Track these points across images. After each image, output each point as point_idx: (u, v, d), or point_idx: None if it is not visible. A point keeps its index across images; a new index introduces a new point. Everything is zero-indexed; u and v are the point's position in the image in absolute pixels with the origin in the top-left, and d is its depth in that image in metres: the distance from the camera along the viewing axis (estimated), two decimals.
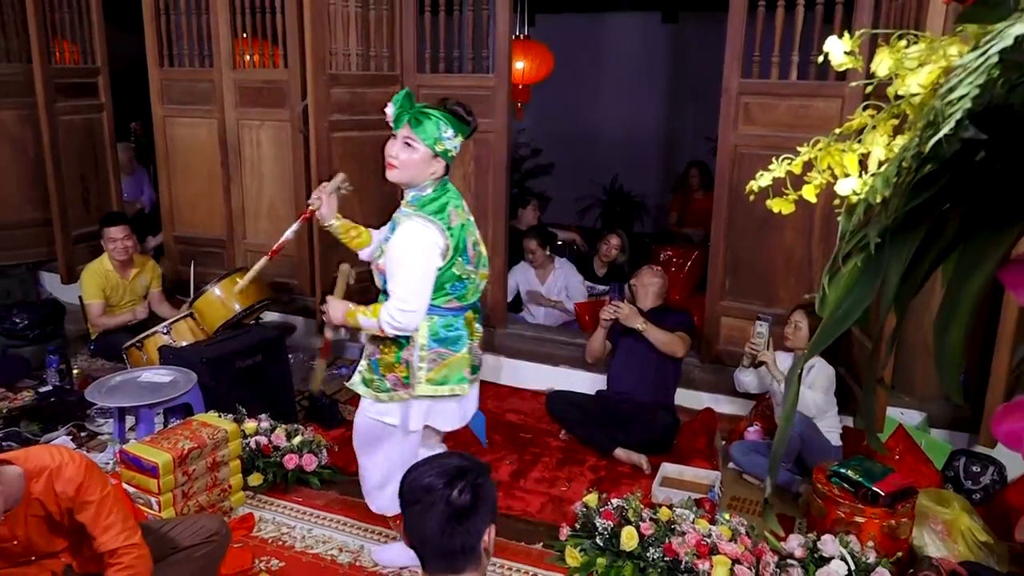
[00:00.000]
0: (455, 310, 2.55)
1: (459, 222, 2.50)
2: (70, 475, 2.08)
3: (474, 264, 2.55)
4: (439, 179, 2.51)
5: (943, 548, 2.78)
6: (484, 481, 1.53)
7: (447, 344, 2.54)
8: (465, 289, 2.54)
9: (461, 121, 2.48)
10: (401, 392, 2.57)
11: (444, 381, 2.56)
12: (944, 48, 0.85)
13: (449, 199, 2.51)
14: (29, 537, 2.12)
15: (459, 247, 2.47)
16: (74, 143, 5.33)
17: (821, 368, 3.35)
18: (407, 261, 2.42)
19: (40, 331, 4.67)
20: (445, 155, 2.47)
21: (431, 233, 2.42)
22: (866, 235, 0.88)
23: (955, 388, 0.97)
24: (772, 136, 3.81)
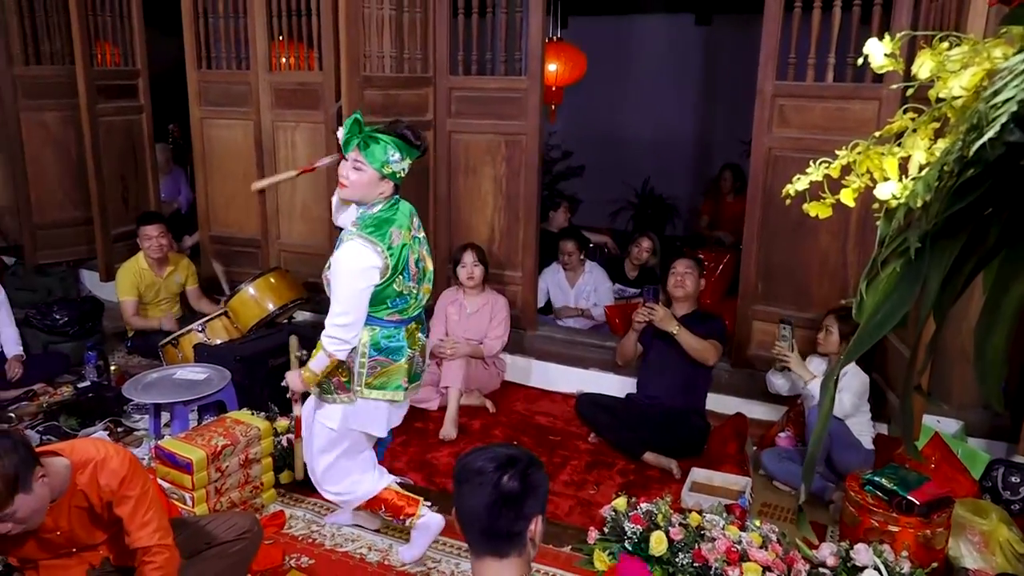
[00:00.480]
0: (396, 322, 2.69)
1: (400, 242, 2.63)
2: (114, 467, 2.13)
3: (415, 280, 2.71)
4: (388, 198, 2.66)
5: (980, 560, 2.73)
6: (535, 472, 1.57)
7: (387, 353, 2.69)
8: (406, 304, 2.69)
9: (410, 144, 2.62)
10: (342, 395, 2.72)
11: (382, 387, 2.71)
12: (988, 50, 0.84)
13: (395, 220, 2.64)
14: (72, 528, 2.17)
15: (399, 266, 2.62)
16: (114, 144, 5.44)
17: (855, 374, 3.31)
18: (344, 280, 2.58)
19: (79, 328, 4.77)
20: (393, 177, 2.62)
21: (368, 254, 2.55)
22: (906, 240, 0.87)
23: (996, 395, 0.96)
24: (807, 139, 3.77)
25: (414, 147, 2.64)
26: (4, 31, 5.32)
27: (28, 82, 5.45)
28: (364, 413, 2.75)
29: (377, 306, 2.64)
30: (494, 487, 1.51)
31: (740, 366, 4.17)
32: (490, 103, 4.49)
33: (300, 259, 5.07)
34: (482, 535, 1.53)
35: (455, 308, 4.25)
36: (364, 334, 2.66)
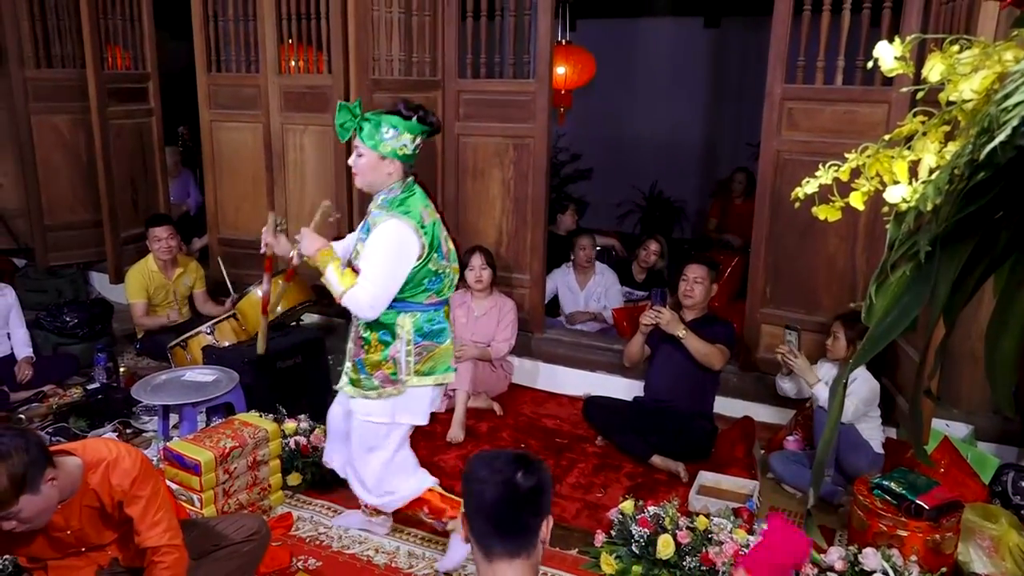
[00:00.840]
0: (435, 304, 2.66)
1: (431, 220, 2.60)
2: (126, 467, 2.15)
3: (447, 258, 2.67)
4: (404, 181, 2.62)
5: (990, 564, 2.71)
6: (545, 471, 1.59)
7: (432, 337, 2.65)
8: (441, 283, 2.66)
9: (404, 118, 2.54)
10: (390, 388, 2.66)
11: (431, 372, 2.67)
12: (999, 53, 0.83)
13: (417, 200, 2.60)
14: (82, 527, 2.18)
15: (434, 243, 2.58)
16: (124, 147, 5.48)
17: (865, 380, 3.30)
18: (383, 256, 2.53)
19: (89, 330, 4.80)
20: (394, 155, 2.56)
21: (407, 232, 2.52)
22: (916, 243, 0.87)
23: (1006, 399, 0.95)
24: (816, 142, 3.76)
25: (411, 120, 2.55)
26: (16, 35, 5.36)
27: (39, 85, 5.49)
28: (413, 402, 2.69)
29: (415, 289, 2.59)
30: (513, 482, 1.52)
31: (748, 369, 4.16)
32: (498, 106, 4.50)
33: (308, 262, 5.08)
34: (498, 533, 1.53)
35: (463, 311, 4.25)
36: (406, 321, 2.61)
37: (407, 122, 2.56)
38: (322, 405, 3.88)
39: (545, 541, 1.57)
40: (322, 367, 3.99)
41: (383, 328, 2.63)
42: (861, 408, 3.28)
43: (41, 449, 2.00)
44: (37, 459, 1.96)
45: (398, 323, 2.61)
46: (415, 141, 2.58)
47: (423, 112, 2.59)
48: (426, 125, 2.59)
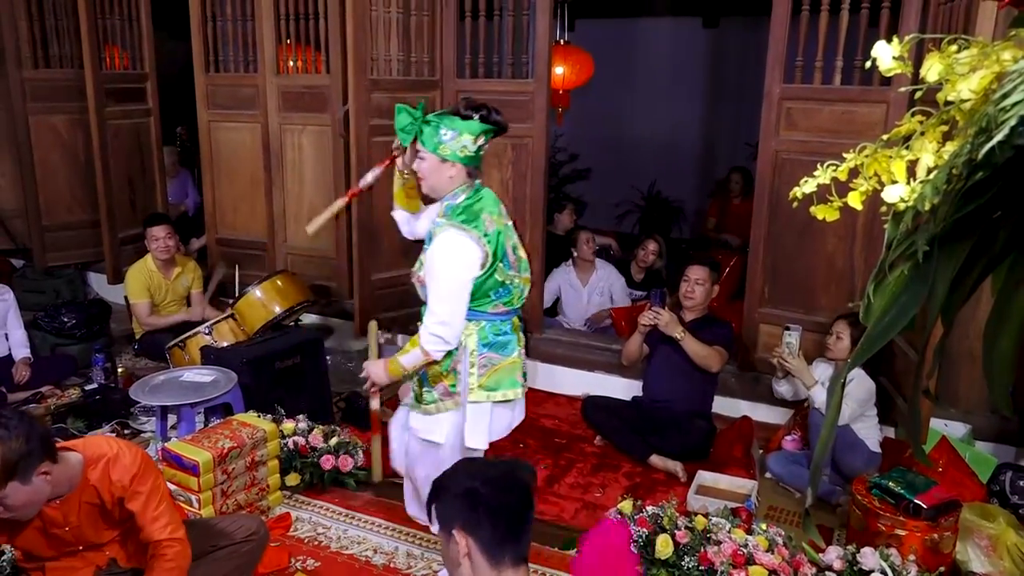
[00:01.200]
0: (502, 315, 2.52)
1: (495, 228, 2.47)
2: (126, 464, 2.15)
3: (516, 269, 2.53)
4: (470, 185, 2.51)
5: (988, 564, 2.72)
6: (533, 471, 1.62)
7: (496, 349, 2.51)
8: (510, 294, 2.52)
9: (463, 117, 2.44)
10: (447, 402, 2.53)
11: (496, 387, 2.51)
12: (997, 53, 0.84)
13: (483, 205, 2.48)
14: (80, 524, 2.19)
15: (498, 253, 2.45)
16: (122, 147, 5.47)
17: (860, 381, 3.30)
18: (444, 274, 2.42)
19: (87, 330, 4.79)
20: (455, 157, 2.45)
21: (467, 243, 2.40)
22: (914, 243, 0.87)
23: (1004, 399, 0.96)
24: (814, 142, 3.76)
25: (470, 119, 2.43)
26: (13, 35, 5.35)
27: (37, 85, 5.48)
28: (473, 420, 2.53)
29: (480, 299, 2.47)
30: (525, 483, 1.51)
31: (746, 369, 4.16)
32: (497, 106, 4.48)
33: (307, 262, 5.08)
34: (512, 538, 1.51)
35: None
36: (471, 330, 2.49)
37: (467, 122, 2.44)
38: (320, 405, 3.90)
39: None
40: (321, 367, 3.99)
41: None
42: (857, 410, 3.28)
43: (43, 441, 2.01)
44: (35, 450, 1.97)
45: (464, 333, 2.49)
46: (477, 142, 2.46)
47: (485, 111, 2.47)
48: (489, 124, 2.46)
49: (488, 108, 2.46)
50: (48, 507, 2.12)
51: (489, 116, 2.46)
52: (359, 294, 4.48)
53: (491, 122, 2.46)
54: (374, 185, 2.99)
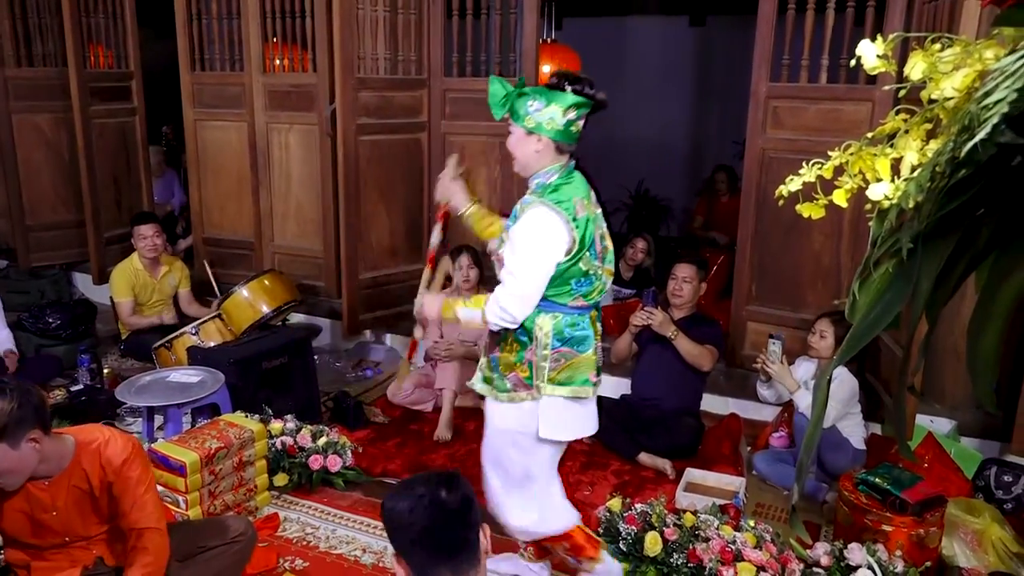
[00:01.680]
0: (580, 308, 2.36)
1: (585, 214, 2.30)
2: (118, 448, 2.18)
3: (601, 259, 2.37)
4: (564, 165, 2.35)
5: (973, 558, 2.74)
6: (467, 484, 1.55)
7: (573, 344, 2.34)
8: (591, 286, 2.35)
9: (554, 88, 2.27)
10: (522, 392, 2.37)
11: (567, 382, 2.36)
12: (980, 51, 0.84)
13: (575, 189, 2.33)
14: (68, 510, 2.18)
15: (585, 240, 2.29)
16: (107, 146, 5.43)
17: (843, 380, 3.31)
18: (527, 247, 2.26)
19: (72, 331, 4.75)
20: (540, 129, 2.28)
21: (556, 222, 2.24)
22: (898, 240, 0.87)
23: (988, 395, 0.96)
24: (800, 140, 3.78)
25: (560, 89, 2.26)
26: None
27: (20, 84, 5.44)
28: (550, 413, 2.37)
29: (560, 288, 2.30)
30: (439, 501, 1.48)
31: (734, 367, 4.18)
32: (484, 105, 4.42)
33: (294, 261, 5.07)
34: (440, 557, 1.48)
35: None
36: (546, 322, 2.32)
37: (557, 93, 2.26)
38: (308, 405, 3.88)
39: (487, 551, 1.53)
40: (309, 367, 3.97)
41: (520, 327, 2.34)
42: (841, 410, 3.30)
43: (36, 410, 2.02)
44: (27, 416, 1.98)
45: (537, 323, 2.32)
46: (566, 115, 2.27)
47: (579, 83, 2.27)
48: (582, 96, 2.27)
49: (583, 81, 2.27)
50: (36, 488, 2.12)
51: (582, 89, 2.26)
52: (347, 293, 4.47)
53: (584, 95, 2.27)
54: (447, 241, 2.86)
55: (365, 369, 4.69)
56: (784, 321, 3.95)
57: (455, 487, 1.51)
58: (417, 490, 1.50)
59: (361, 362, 4.80)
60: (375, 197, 4.47)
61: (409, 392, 4.20)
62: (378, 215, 4.52)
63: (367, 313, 4.61)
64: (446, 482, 1.51)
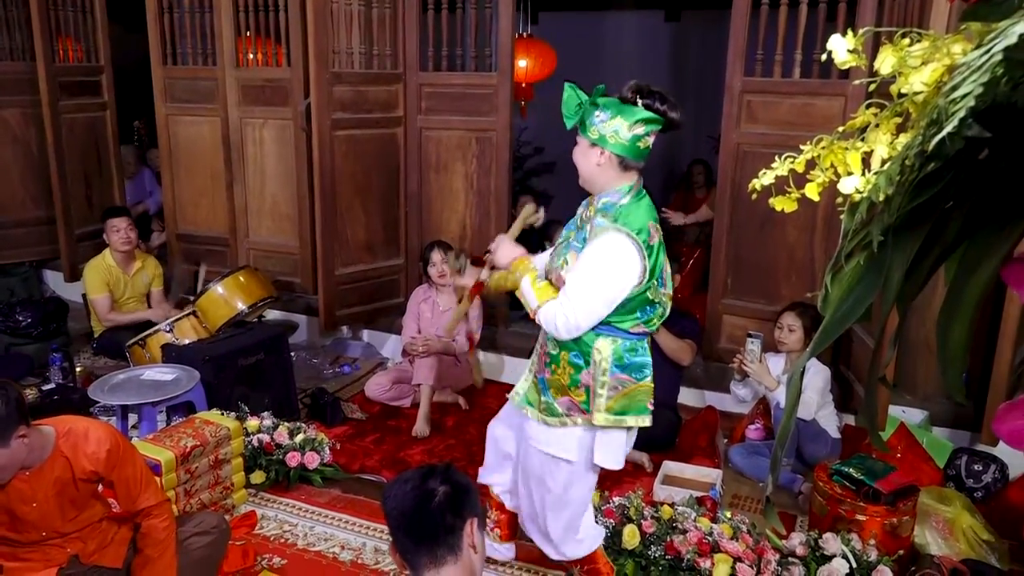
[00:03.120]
0: (640, 335, 2.24)
1: (658, 239, 2.19)
2: (99, 437, 2.20)
3: (666, 286, 2.27)
4: (635, 186, 2.21)
5: (945, 546, 2.78)
6: (461, 476, 1.58)
7: (631, 371, 2.21)
8: (654, 313, 2.24)
9: (623, 100, 2.14)
10: (576, 417, 2.25)
11: (624, 411, 2.22)
12: (948, 46, 0.85)
13: (648, 214, 2.19)
14: (48, 502, 2.18)
15: (656, 270, 2.17)
16: (77, 141, 5.34)
17: (817, 370, 3.37)
18: (595, 274, 2.12)
19: (43, 329, 4.68)
20: (603, 142, 2.14)
21: (631, 253, 2.11)
22: (869, 233, 0.88)
23: (957, 386, 0.98)
24: (775, 134, 3.81)
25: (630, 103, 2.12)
26: None
27: None
28: (611, 444, 2.26)
29: (623, 316, 2.18)
30: (424, 488, 1.52)
31: (711, 359, 4.21)
32: (460, 99, 4.49)
33: (270, 257, 5.03)
34: (418, 542, 1.51)
35: (427, 306, 4.24)
36: (605, 346, 2.19)
37: (625, 106, 2.12)
38: (286, 402, 3.86)
39: (475, 545, 1.54)
40: (285, 364, 3.95)
41: (576, 349, 2.21)
42: (819, 400, 3.34)
43: (18, 406, 2.05)
44: (11, 414, 2.01)
45: (596, 347, 2.19)
46: (632, 130, 2.11)
47: (651, 98, 2.12)
48: (652, 112, 2.11)
49: (655, 95, 2.13)
50: (18, 478, 2.12)
51: (652, 103, 2.11)
52: (323, 289, 4.45)
53: (653, 109, 2.11)
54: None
55: (342, 365, 4.67)
56: (759, 314, 3.99)
57: (445, 478, 1.53)
58: (409, 478, 1.54)
59: (338, 358, 4.78)
60: (351, 192, 4.45)
61: (387, 387, 4.19)
62: (354, 210, 4.49)
63: (344, 309, 4.58)
64: (440, 473, 1.55)
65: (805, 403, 3.27)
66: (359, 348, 4.89)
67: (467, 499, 1.55)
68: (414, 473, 1.57)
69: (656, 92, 2.13)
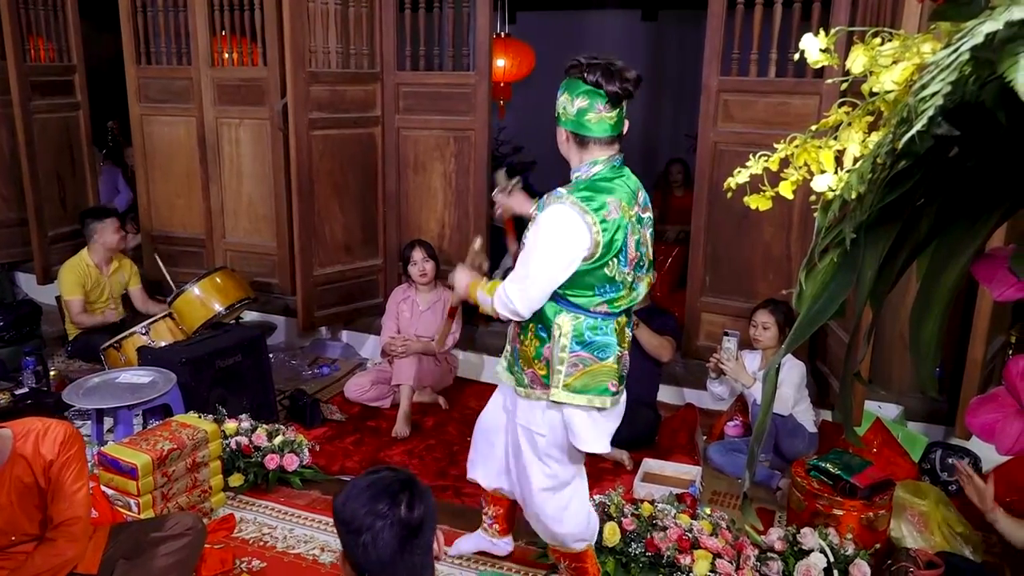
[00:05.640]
0: (604, 314, 2.20)
1: (618, 217, 2.13)
2: (55, 435, 2.21)
3: (632, 267, 2.21)
4: (608, 159, 2.18)
5: (920, 539, 2.82)
6: (423, 488, 1.48)
7: (592, 349, 2.19)
8: (617, 293, 2.19)
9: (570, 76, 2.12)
10: (538, 391, 2.26)
11: (584, 390, 2.21)
12: (917, 45, 0.86)
13: (614, 189, 2.15)
14: (12, 505, 2.15)
15: (613, 245, 2.12)
16: (50, 142, 5.27)
17: (793, 365, 3.40)
18: (539, 243, 2.13)
19: (16, 332, 4.62)
20: (559, 120, 2.18)
21: (576, 223, 2.08)
22: (842, 231, 0.89)
23: (930, 380, 0.99)
24: (751, 133, 3.84)
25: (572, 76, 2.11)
26: None
27: None
28: (575, 421, 2.25)
29: (581, 291, 2.16)
30: (400, 523, 1.39)
31: (690, 357, 4.23)
32: (438, 99, 4.47)
33: (247, 258, 4.99)
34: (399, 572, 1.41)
35: (407, 305, 4.23)
36: (566, 322, 2.17)
37: (571, 80, 2.11)
38: (264, 404, 3.83)
39: (439, 556, 1.50)
40: (263, 365, 3.92)
41: (541, 322, 2.22)
42: (795, 395, 3.37)
43: None
44: None
45: (556, 322, 2.19)
46: (576, 104, 2.11)
47: (587, 70, 2.08)
48: (589, 85, 2.07)
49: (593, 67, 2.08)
50: None
51: (585, 76, 2.08)
52: (301, 290, 4.42)
53: (589, 82, 2.08)
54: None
55: (321, 366, 4.65)
56: (738, 312, 4.01)
57: (418, 499, 1.43)
58: (380, 506, 1.40)
59: (317, 359, 4.75)
60: (328, 192, 4.42)
61: (367, 388, 4.18)
62: (332, 210, 4.46)
63: (322, 310, 4.55)
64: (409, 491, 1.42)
65: (781, 398, 3.30)
66: (338, 349, 4.87)
67: (434, 514, 1.47)
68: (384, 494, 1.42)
69: (595, 64, 2.09)
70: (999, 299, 1.00)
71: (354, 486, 1.47)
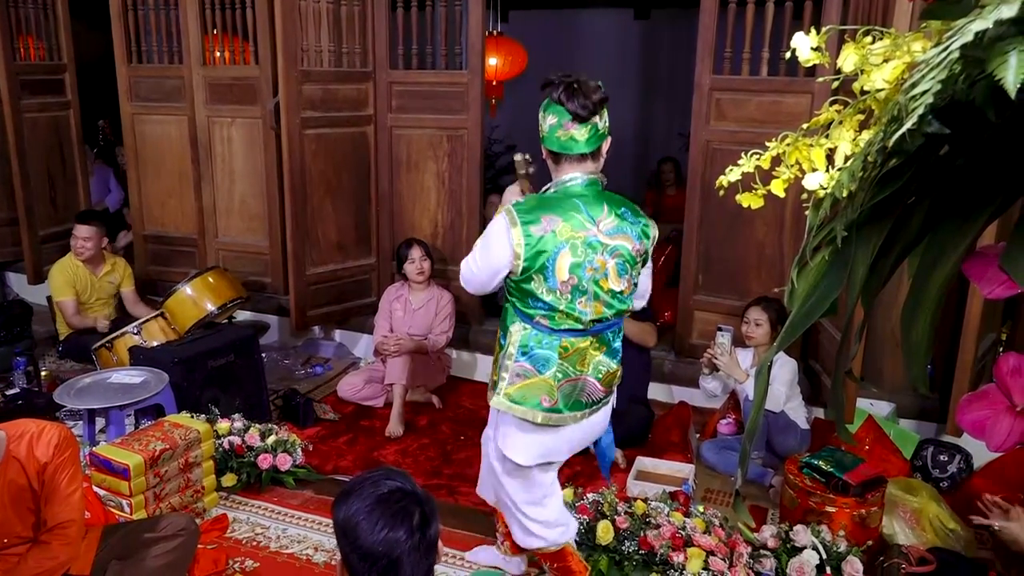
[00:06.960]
0: (546, 329, 2.17)
1: (547, 233, 2.08)
2: (49, 437, 2.19)
3: (568, 290, 2.12)
4: (584, 175, 2.17)
5: (912, 536, 2.83)
6: (430, 499, 1.47)
7: (533, 361, 2.19)
8: (552, 313, 2.15)
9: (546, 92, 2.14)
10: (490, 392, 2.30)
11: (520, 401, 2.21)
12: (908, 44, 0.86)
13: (560, 205, 2.12)
14: (5, 508, 2.15)
15: (535, 262, 2.10)
16: (40, 141, 5.24)
17: (784, 362, 3.41)
18: (480, 241, 2.23)
19: (7, 332, 4.59)
20: (542, 139, 2.19)
21: (500, 232, 2.12)
22: (833, 229, 0.89)
23: (921, 378, 0.99)
24: (743, 132, 3.85)
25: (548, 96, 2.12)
26: None
27: None
28: (503, 431, 2.29)
29: (519, 298, 2.19)
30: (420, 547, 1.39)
31: (683, 355, 4.24)
32: (431, 97, 4.47)
33: (239, 257, 4.97)
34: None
35: (400, 304, 4.22)
36: (516, 330, 2.20)
37: (547, 97, 2.13)
38: (257, 404, 3.82)
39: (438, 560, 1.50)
40: (256, 365, 3.91)
41: (503, 330, 2.27)
42: (787, 392, 3.38)
43: None
44: None
45: (511, 330, 2.22)
46: (546, 120, 2.14)
47: (552, 87, 2.11)
48: (555, 103, 2.10)
49: (558, 85, 2.10)
50: None
51: (550, 93, 2.11)
52: (294, 289, 4.41)
53: (554, 100, 2.10)
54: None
55: (314, 366, 4.64)
56: (730, 310, 4.02)
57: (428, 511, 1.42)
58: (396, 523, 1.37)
59: (310, 359, 4.74)
60: (321, 191, 4.41)
61: (360, 387, 4.17)
62: (325, 210, 4.46)
63: (315, 309, 4.54)
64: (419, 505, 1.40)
65: (773, 396, 3.31)
66: (331, 348, 4.86)
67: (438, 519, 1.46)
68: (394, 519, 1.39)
69: (561, 81, 2.09)
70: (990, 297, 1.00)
71: (358, 498, 1.42)
